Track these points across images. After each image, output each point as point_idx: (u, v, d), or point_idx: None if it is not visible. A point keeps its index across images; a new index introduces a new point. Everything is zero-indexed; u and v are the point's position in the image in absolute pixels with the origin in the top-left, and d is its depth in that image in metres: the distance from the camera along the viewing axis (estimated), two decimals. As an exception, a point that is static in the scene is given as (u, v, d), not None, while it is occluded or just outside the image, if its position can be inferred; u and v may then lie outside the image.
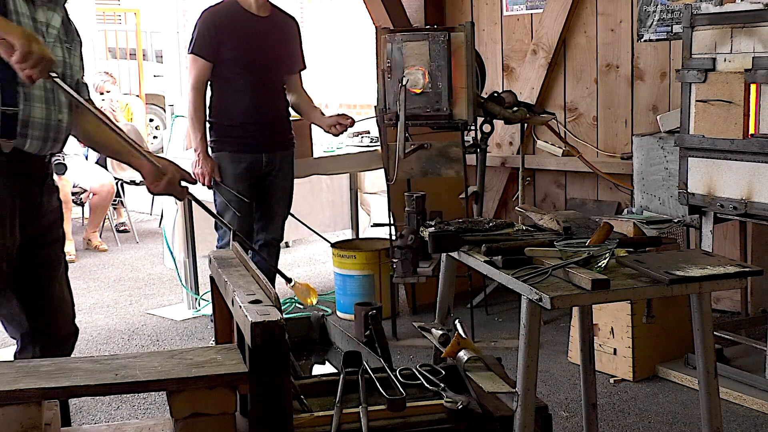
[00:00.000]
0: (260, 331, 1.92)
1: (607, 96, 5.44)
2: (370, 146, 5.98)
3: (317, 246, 7.24)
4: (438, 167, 4.60)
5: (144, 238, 8.02)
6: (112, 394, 2.27)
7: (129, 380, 1.95)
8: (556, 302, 2.29)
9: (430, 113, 4.46)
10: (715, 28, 3.76)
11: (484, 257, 2.64)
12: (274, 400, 1.96)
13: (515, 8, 5.83)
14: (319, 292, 5.94)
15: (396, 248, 4.51)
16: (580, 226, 2.90)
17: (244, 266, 2.45)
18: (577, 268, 2.40)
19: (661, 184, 4.47)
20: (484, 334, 4.89)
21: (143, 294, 6.12)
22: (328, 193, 7.11)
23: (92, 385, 1.93)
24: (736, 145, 3.69)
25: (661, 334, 4.17)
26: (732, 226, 4.58)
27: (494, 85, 5.82)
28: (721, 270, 2.44)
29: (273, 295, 2.07)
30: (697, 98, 3.85)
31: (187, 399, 1.98)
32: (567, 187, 5.76)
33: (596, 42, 5.45)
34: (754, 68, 3.58)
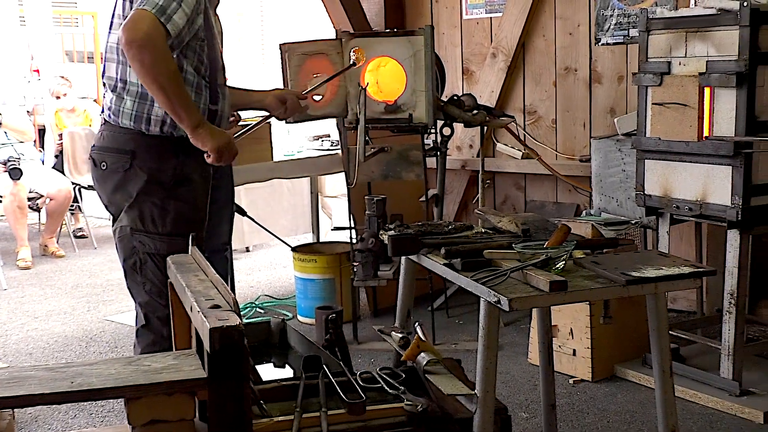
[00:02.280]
0: (219, 336, 1.91)
1: (566, 99, 5.49)
2: (331, 150, 5.98)
3: (278, 250, 7.22)
4: (398, 170, 4.62)
5: (102, 243, 7.94)
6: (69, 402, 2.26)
7: (85, 388, 1.94)
8: (515, 304, 2.31)
9: (391, 116, 4.48)
10: (670, 32, 3.81)
11: (443, 260, 2.66)
12: (234, 405, 1.96)
13: (474, 12, 5.87)
14: (279, 296, 5.94)
15: (357, 252, 4.52)
16: (539, 228, 2.93)
17: (203, 271, 2.44)
18: (536, 270, 2.43)
19: (619, 186, 4.52)
20: (445, 336, 4.91)
21: (101, 300, 6.07)
22: (289, 197, 7.10)
23: (47, 394, 1.91)
24: (690, 147, 3.74)
25: (620, 334, 4.22)
26: (688, 227, 4.64)
27: (454, 88, 5.84)
28: (676, 270, 2.48)
29: (232, 300, 2.07)
30: (653, 101, 3.90)
31: (145, 406, 1.97)
32: (527, 190, 5.80)
33: (555, 45, 5.50)
34: (707, 72, 3.63)
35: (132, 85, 3.08)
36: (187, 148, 3.11)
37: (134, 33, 2.84)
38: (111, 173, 3.14)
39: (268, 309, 5.68)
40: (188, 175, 3.15)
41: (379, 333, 3.06)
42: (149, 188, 3.10)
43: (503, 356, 4.43)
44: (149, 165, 3.10)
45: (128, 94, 3.09)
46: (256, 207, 6.52)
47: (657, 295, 2.57)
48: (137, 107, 3.09)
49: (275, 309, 5.68)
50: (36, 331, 5.37)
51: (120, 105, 3.11)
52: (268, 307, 5.73)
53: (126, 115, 3.10)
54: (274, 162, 5.38)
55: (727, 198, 3.65)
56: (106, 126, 3.17)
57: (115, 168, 3.13)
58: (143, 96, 3.07)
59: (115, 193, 3.16)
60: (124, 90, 3.10)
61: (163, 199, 3.11)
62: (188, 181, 3.15)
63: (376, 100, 4.51)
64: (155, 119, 3.08)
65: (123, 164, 3.11)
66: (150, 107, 3.07)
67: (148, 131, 3.09)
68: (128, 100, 3.09)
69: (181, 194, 3.14)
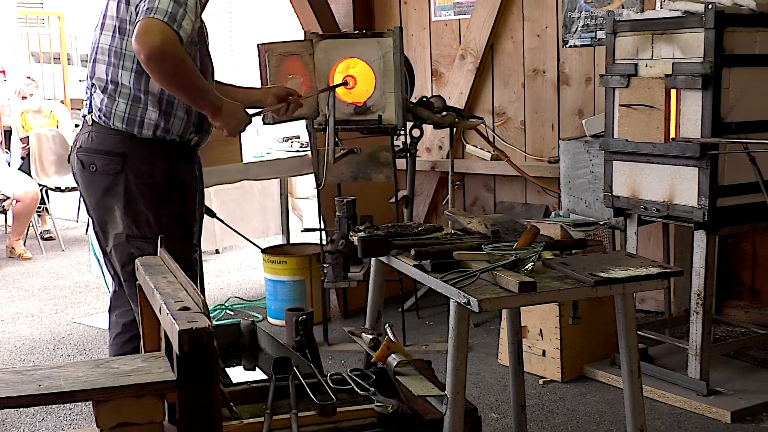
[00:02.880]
0: (188, 338, 1.90)
1: (534, 100, 5.52)
2: (300, 151, 5.97)
3: (248, 252, 7.20)
4: (368, 172, 4.62)
5: (70, 245, 7.88)
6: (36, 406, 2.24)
7: (53, 391, 1.92)
8: (484, 305, 2.32)
9: (360, 118, 4.48)
10: (636, 34, 3.85)
11: (413, 261, 2.66)
12: (203, 408, 1.95)
13: (443, 14, 5.89)
14: (249, 298, 5.93)
15: (327, 253, 4.52)
16: (508, 230, 2.94)
17: (172, 273, 2.43)
18: (505, 271, 2.44)
19: (587, 188, 4.55)
20: (416, 337, 4.92)
21: (69, 303, 6.02)
22: (260, 199, 7.08)
23: (14, 397, 1.89)
24: (657, 148, 3.77)
25: (589, 334, 4.25)
26: (655, 227, 4.68)
27: (423, 89, 5.86)
28: (643, 271, 2.51)
29: (201, 302, 2.06)
30: (620, 103, 3.93)
31: (113, 409, 1.95)
32: (496, 191, 5.82)
33: (523, 47, 5.53)
34: (674, 74, 3.67)
35: (124, 88, 3.08)
36: (179, 150, 3.16)
37: (151, 46, 2.82)
38: (101, 176, 3.13)
39: (238, 311, 5.66)
40: (181, 177, 3.18)
41: (350, 334, 3.06)
42: (142, 192, 3.11)
43: (473, 357, 4.44)
44: (141, 168, 3.10)
45: (121, 96, 3.09)
46: (226, 208, 6.50)
47: (625, 296, 2.60)
48: (130, 110, 3.09)
49: (245, 311, 5.66)
50: (3, 334, 5.32)
51: (112, 106, 3.10)
52: (238, 309, 5.71)
53: (118, 117, 3.10)
54: (243, 163, 5.36)
55: (694, 199, 3.68)
56: (95, 127, 3.15)
57: (106, 170, 3.11)
58: (136, 99, 3.08)
59: (104, 197, 3.14)
60: (116, 92, 3.09)
61: (157, 203, 3.12)
62: (181, 183, 3.18)
63: (345, 101, 4.51)
64: (148, 123, 3.10)
65: (114, 167, 3.11)
66: (143, 111, 3.08)
67: (140, 134, 3.10)
68: (121, 102, 3.08)
69: (175, 197, 3.16)
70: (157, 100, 3.08)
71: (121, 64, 3.06)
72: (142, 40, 2.82)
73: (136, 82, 3.07)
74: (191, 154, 3.24)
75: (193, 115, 3.15)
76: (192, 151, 3.25)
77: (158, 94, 3.08)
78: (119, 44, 3.07)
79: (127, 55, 3.05)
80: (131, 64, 3.05)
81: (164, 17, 2.84)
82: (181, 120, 3.14)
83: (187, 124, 3.16)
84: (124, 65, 3.07)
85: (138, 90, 3.07)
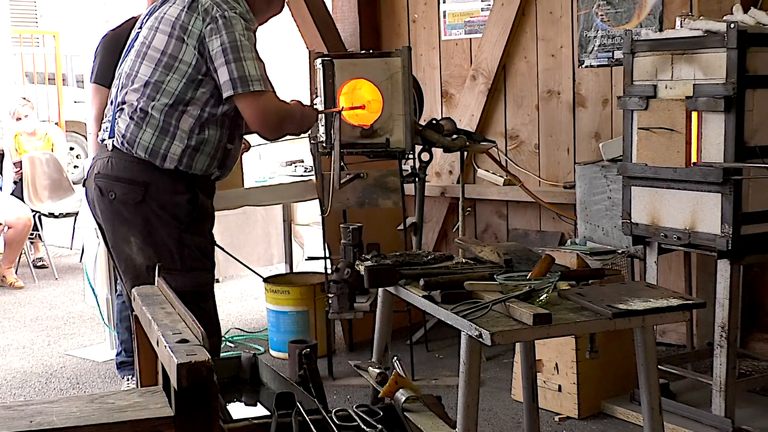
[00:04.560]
0: (187, 372, 1.90)
1: (549, 123, 5.53)
2: (304, 176, 5.98)
3: (249, 281, 7.20)
4: (375, 198, 4.63)
5: (63, 274, 7.89)
6: (28, 443, 2.23)
7: (46, 427, 1.92)
8: (497, 338, 2.31)
9: (367, 141, 4.49)
10: (655, 54, 3.86)
11: (422, 292, 2.66)
12: (202, 445, 1.95)
13: (453, 33, 5.92)
14: (250, 330, 5.92)
15: (331, 283, 4.50)
16: (522, 259, 2.94)
17: (170, 303, 2.43)
18: (518, 302, 2.43)
19: (605, 214, 4.55)
20: (425, 371, 4.90)
21: (62, 334, 6.02)
22: (262, 225, 7.09)
23: (5, 434, 1.89)
24: (678, 173, 3.77)
25: (607, 369, 4.23)
26: (676, 256, 4.67)
27: (433, 111, 5.88)
28: (664, 303, 2.50)
29: (200, 334, 2.06)
30: (639, 126, 3.94)
31: (108, 446, 1.95)
32: (509, 218, 5.82)
33: (537, 68, 5.55)
34: (695, 95, 3.67)
35: (154, 119, 3.20)
36: (200, 182, 3.29)
37: (275, 128, 3.28)
38: (120, 204, 3.21)
39: (239, 343, 5.66)
40: (203, 209, 3.31)
41: (356, 368, 3.05)
42: (165, 222, 3.18)
43: (485, 392, 4.42)
44: (164, 198, 3.20)
45: (148, 126, 3.20)
46: (227, 236, 6.51)
47: (645, 329, 2.59)
48: (156, 141, 3.20)
49: (246, 343, 5.65)
50: (-8, 368, 5.32)
51: (138, 135, 3.20)
52: (239, 341, 5.70)
53: (142, 146, 3.20)
54: (245, 188, 5.38)
55: (717, 226, 3.68)
56: (116, 153, 3.22)
57: (125, 199, 3.19)
58: (164, 131, 3.20)
59: (123, 226, 3.21)
60: (143, 120, 3.20)
61: (180, 233, 3.23)
62: (203, 214, 3.31)
63: (351, 124, 4.52)
64: (171, 157, 3.22)
65: (134, 196, 3.19)
66: (169, 144, 3.20)
67: (162, 166, 3.21)
68: (148, 131, 3.19)
69: (196, 227, 3.28)
70: (187, 136, 3.22)
71: (157, 97, 3.19)
72: (265, 124, 3.23)
73: (167, 116, 3.20)
74: (211, 187, 3.39)
75: (219, 151, 3.29)
76: (212, 184, 3.40)
77: (188, 131, 3.21)
78: (161, 78, 3.21)
79: (166, 90, 3.19)
80: (168, 99, 3.19)
81: (262, 85, 3.16)
82: (208, 156, 3.27)
83: (212, 160, 3.30)
84: (160, 99, 3.20)
85: (168, 124, 3.19)
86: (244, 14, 3.24)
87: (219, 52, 3.13)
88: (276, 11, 3.54)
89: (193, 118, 3.21)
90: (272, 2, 3.48)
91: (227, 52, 3.12)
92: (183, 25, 3.18)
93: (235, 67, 3.11)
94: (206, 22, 3.14)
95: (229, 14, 3.15)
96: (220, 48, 3.13)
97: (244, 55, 3.12)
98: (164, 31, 3.21)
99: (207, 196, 3.38)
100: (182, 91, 3.19)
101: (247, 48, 3.14)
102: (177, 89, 3.18)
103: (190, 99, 3.20)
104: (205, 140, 3.24)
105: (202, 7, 3.17)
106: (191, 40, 3.16)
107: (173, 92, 3.18)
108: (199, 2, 3.19)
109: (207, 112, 3.23)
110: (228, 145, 3.35)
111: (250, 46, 3.16)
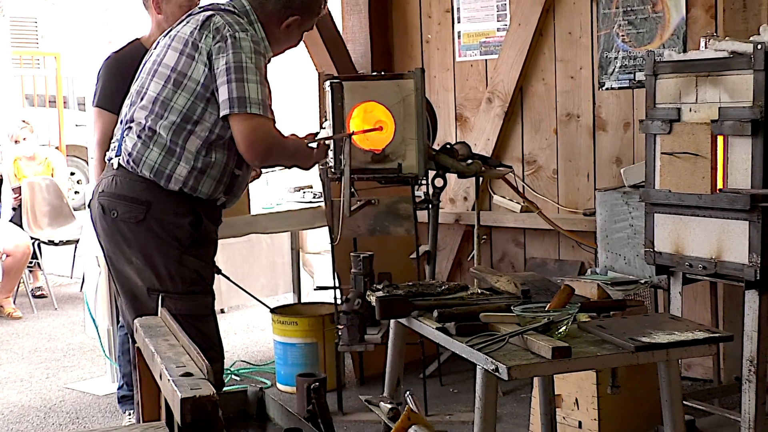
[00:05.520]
0: (191, 407, 1.90)
1: (568, 147, 5.53)
2: (313, 202, 5.99)
3: (255, 311, 7.19)
4: (387, 225, 4.63)
5: (63, 304, 7.90)
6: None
7: (43, 465, 1.92)
8: (514, 372, 2.30)
9: (378, 166, 4.50)
10: (679, 76, 3.86)
11: (436, 324, 2.66)
12: (206, 484, 1.94)
13: (468, 54, 5.94)
14: (257, 362, 5.91)
15: (341, 313, 4.50)
16: (540, 289, 2.93)
17: (174, 335, 2.43)
18: (536, 334, 2.43)
19: (627, 242, 4.54)
20: (439, 407, 4.88)
21: (62, 366, 6.02)
22: (268, 254, 7.09)
23: (2, 471, 1.89)
24: (704, 200, 3.76)
25: (629, 405, 4.20)
26: (702, 286, 4.65)
27: (447, 135, 5.89)
28: (689, 336, 2.49)
29: (206, 367, 2.06)
30: (662, 150, 3.93)
31: (108, 485, 1.94)
32: (526, 246, 5.81)
33: (555, 90, 5.56)
34: (720, 119, 3.67)
35: (161, 138, 3.25)
36: (205, 206, 3.32)
37: (263, 155, 3.25)
38: (122, 223, 3.27)
39: (245, 376, 5.64)
40: (204, 231, 3.32)
41: (366, 403, 3.04)
42: (165, 243, 3.23)
43: (502, 428, 4.40)
44: (166, 219, 3.24)
45: (155, 145, 3.25)
46: (232, 264, 6.51)
47: (669, 363, 2.57)
48: (161, 161, 3.24)
49: (252, 376, 5.64)
50: (-12, 401, 5.32)
51: (144, 154, 3.25)
52: (245, 374, 5.69)
53: (147, 166, 3.25)
54: (251, 215, 5.39)
55: (744, 255, 3.66)
56: (121, 171, 3.28)
57: (127, 218, 3.24)
58: (171, 151, 3.24)
59: (124, 245, 3.25)
60: (151, 139, 3.25)
61: (181, 256, 3.27)
62: (206, 238, 3.34)
63: (362, 148, 4.53)
64: (176, 178, 3.26)
65: (136, 215, 3.24)
66: (175, 165, 3.25)
67: (166, 187, 3.24)
68: (154, 151, 3.24)
69: (198, 251, 3.31)
70: (193, 157, 3.25)
71: (165, 115, 3.24)
72: (252, 147, 3.20)
73: (174, 135, 3.24)
74: (217, 213, 3.42)
75: (226, 176, 3.33)
76: (218, 210, 3.42)
77: (195, 153, 3.25)
78: (169, 95, 3.26)
79: (174, 108, 3.24)
80: (175, 117, 3.24)
81: (260, 110, 3.16)
82: (214, 179, 3.31)
83: (218, 184, 3.33)
84: (168, 117, 3.25)
85: (174, 144, 3.23)
86: (256, 38, 3.28)
87: (223, 71, 3.17)
88: (293, 43, 3.59)
89: (201, 139, 3.24)
90: (291, 33, 3.52)
91: (230, 71, 3.15)
92: (194, 42, 3.23)
93: (236, 87, 3.14)
94: (216, 39, 3.20)
95: (240, 35, 3.20)
96: (225, 67, 3.17)
97: (248, 76, 3.15)
98: (176, 48, 3.27)
99: (211, 221, 3.39)
100: (190, 109, 3.23)
101: (252, 70, 3.17)
102: (185, 107, 3.22)
103: (198, 118, 3.23)
104: (211, 163, 3.27)
105: (214, 26, 3.23)
106: (201, 57, 3.21)
107: (181, 110, 3.22)
108: (212, 21, 3.25)
109: (215, 134, 3.25)
110: (236, 170, 3.37)
111: (255, 69, 3.19)
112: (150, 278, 3.25)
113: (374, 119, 4.53)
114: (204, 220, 3.33)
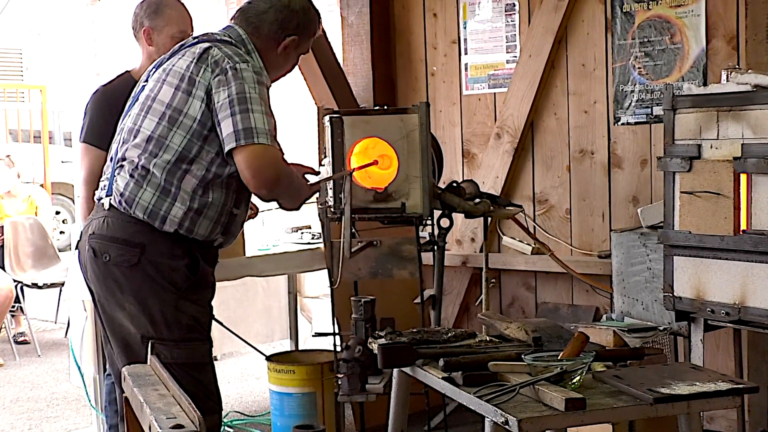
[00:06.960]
0: (181, 462, 1.89)
1: (582, 186, 5.53)
2: (312, 243, 5.99)
3: (250, 359, 7.18)
4: (389, 268, 4.62)
5: (47, 350, 7.89)
6: None
7: None
8: (525, 425, 2.29)
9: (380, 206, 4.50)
10: (699, 111, 3.87)
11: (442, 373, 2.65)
12: None
13: (476, 87, 5.96)
14: (251, 413, 5.88)
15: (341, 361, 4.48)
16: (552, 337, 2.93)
17: (164, 384, 2.42)
18: (549, 385, 2.42)
19: (644, 287, 4.53)
20: (445, 461, 4.85)
21: (45, 417, 6.00)
22: (264, 298, 7.08)
23: None
24: (726, 242, 3.76)
25: (648, 459, 4.18)
26: (725, 333, 4.64)
27: (453, 173, 5.90)
28: (712, 387, 2.48)
29: (197, 419, 2.05)
30: (681, 189, 3.93)
31: None
32: (537, 290, 5.80)
33: (568, 125, 5.57)
34: (743, 156, 3.67)
35: (155, 177, 3.25)
36: (201, 248, 3.32)
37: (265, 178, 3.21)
38: (115, 267, 3.27)
39: (239, 428, 5.62)
40: (201, 274, 3.33)
41: (368, 458, 3.02)
42: (160, 287, 3.22)
43: (512, 485, 4.37)
44: (161, 262, 3.24)
45: (149, 185, 3.25)
46: (225, 309, 6.49)
47: (690, 416, 2.56)
48: (155, 202, 3.24)
49: (247, 428, 5.62)
50: (-35, 455, 5.29)
51: (137, 194, 3.25)
52: (239, 425, 5.67)
53: (141, 207, 3.25)
54: (246, 257, 5.38)
55: (769, 301, 3.66)
56: (112, 212, 3.28)
57: (120, 261, 3.23)
58: (165, 191, 3.25)
59: (117, 290, 3.25)
60: (144, 179, 3.25)
61: (177, 300, 3.27)
62: (201, 282, 3.34)
63: (363, 186, 4.53)
64: (172, 219, 3.26)
65: (129, 258, 3.24)
66: (170, 206, 3.25)
67: (161, 228, 3.25)
68: (148, 191, 3.24)
69: (194, 296, 3.32)
70: (189, 198, 3.26)
71: (159, 154, 3.25)
72: (259, 174, 3.19)
73: (169, 175, 3.25)
74: (213, 255, 3.43)
75: (224, 216, 3.34)
76: (214, 251, 3.43)
77: (191, 193, 3.26)
78: (164, 133, 3.27)
79: (169, 146, 3.25)
80: (170, 156, 3.25)
81: (267, 140, 3.17)
82: (211, 220, 3.32)
83: (216, 225, 3.34)
84: (162, 156, 3.26)
85: (169, 183, 3.24)
86: (256, 68, 3.29)
87: (225, 104, 3.17)
88: (290, 67, 3.63)
89: (197, 178, 3.25)
90: (288, 56, 3.55)
91: (234, 103, 3.16)
92: (191, 77, 3.23)
93: (241, 119, 3.15)
94: (215, 73, 3.21)
95: (240, 66, 3.21)
96: (227, 100, 3.18)
97: (252, 107, 3.16)
98: (171, 83, 3.27)
99: (208, 263, 3.40)
100: (186, 148, 3.23)
101: (257, 101, 3.18)
102: (180, 145, 3.23)
103: (195, 157, 3.24)
104: (208, 203, 3.28)
105: (213, 59, 3.24)
106: (198, 93, 3.22)
107: (176, 148, 3.22)
108: (210, 54, 3.25)
109: (212, 172, 3.26)
110: (234, 209, 3.39)
111: (259, 99, 3.20)
112: (144, 325, 3.24)
113: (376, 156, 4.54)
114: (201, 263, 3.33)
